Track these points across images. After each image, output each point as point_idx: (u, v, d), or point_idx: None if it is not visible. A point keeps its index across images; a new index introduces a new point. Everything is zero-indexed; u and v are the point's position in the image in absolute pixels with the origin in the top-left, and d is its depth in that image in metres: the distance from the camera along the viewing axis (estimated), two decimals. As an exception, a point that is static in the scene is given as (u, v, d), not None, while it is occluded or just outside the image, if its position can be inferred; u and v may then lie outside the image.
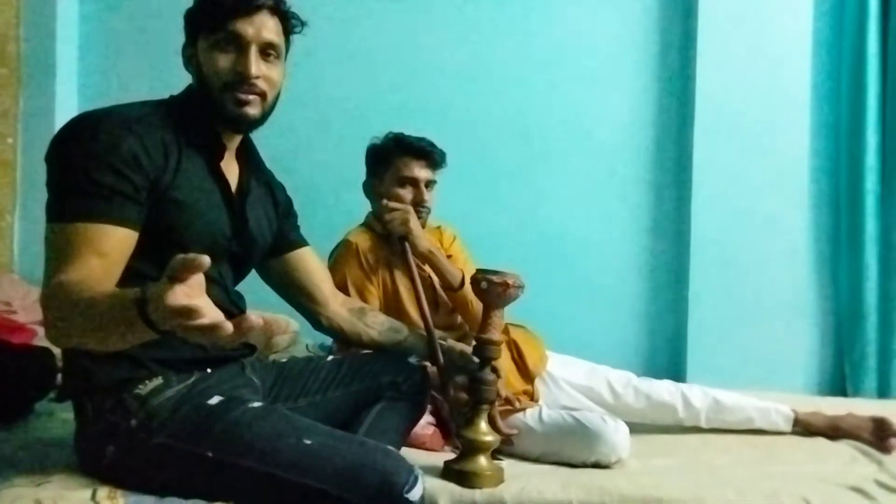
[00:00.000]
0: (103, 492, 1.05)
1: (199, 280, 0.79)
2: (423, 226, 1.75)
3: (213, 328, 0.75)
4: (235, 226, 1.21)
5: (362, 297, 1.66)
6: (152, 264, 1.07)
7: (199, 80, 1.17)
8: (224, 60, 1.13)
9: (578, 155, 2.54)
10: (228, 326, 0.76)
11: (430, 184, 1.75)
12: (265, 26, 1.15)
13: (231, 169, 1.23)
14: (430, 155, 1.74)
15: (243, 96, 1.14)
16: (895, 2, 2.34)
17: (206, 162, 1.18)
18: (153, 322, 0.81)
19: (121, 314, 0.85)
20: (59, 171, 1.06)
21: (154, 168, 1.08)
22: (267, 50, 1.16)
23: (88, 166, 1.03)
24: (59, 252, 1.01)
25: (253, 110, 1.16)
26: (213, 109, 1.16)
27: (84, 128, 1.07)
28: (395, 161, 1.73)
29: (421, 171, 1.73)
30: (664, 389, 1.84)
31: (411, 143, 1.74)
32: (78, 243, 1.01)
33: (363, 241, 1.76)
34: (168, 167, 1.10)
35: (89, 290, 0.94)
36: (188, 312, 0.75)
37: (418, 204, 1.72)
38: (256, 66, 1.14)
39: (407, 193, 1.72)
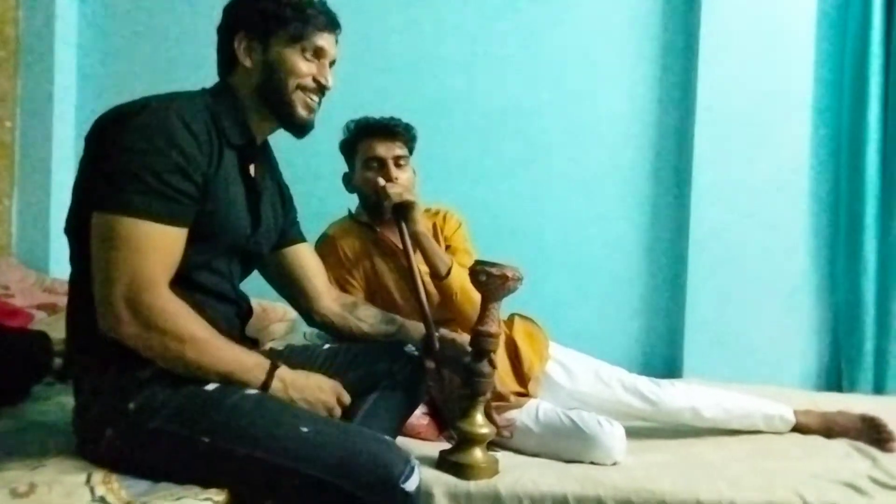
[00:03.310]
0: (98, 476, 1.05)
1: None
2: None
3: None
4: (254, 225, 1.23)
5: (345, 291, 1.63)
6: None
7: (268, 75, 1.20)
8: (307, 66, 1.21)
9: (579, 148, 2.53)
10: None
11: (399, 160, 1.68)
12: (335, 45, 1.27)
13: (253, 166, 1.25)
14: (389, 129, 1.68)
15: (312, 102, 1.24)
16: (899, 1, 2.34)
17: (238, 161, 1.19)
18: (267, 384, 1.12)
19: (242, 368, 1.11)
20: (118, 160, 1.05)
21: (206, 166, 1.11)
22: (331, 64, 1.26)
23: (156, 164, 1.04)
24: (128, 247, 1.03)
25: (314, 117, 1.25)
26: (279, 109, 1.21)
27: (142, 119, 1.06)
28: (359, 146, 1.70)
29: (384, 149, 1.67)
30: (674, 399, 1.75)
31: (369, 124, 1.70)
32: (150, 243, 1.04)
33: (342, 234, 1.73)
34: (211, 164, 1.12)
35: (204, 325, 1.08)
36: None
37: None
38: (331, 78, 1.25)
39: (375, 175, 1.66)
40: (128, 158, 1.05)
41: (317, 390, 1.18)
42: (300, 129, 1.25)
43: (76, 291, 1.14)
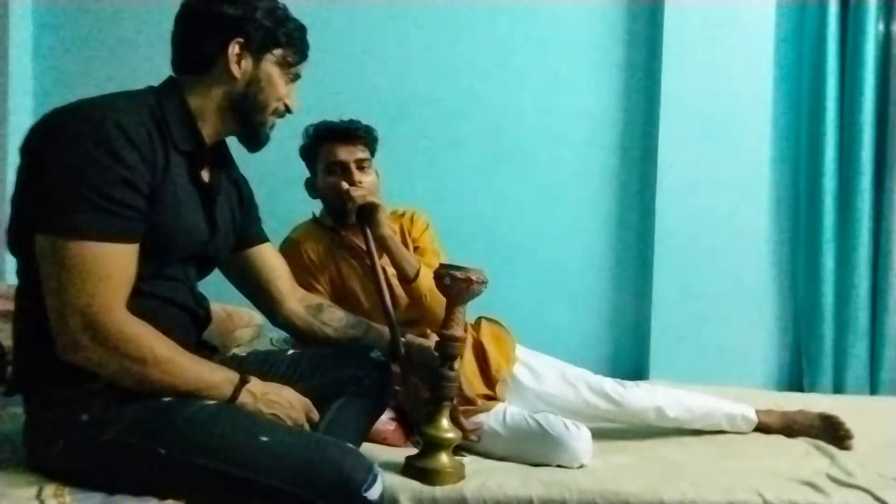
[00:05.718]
0: (50, 489, 1.02)
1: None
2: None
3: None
4: (210, 229, 1.20)
5: None
6: None
7: (249, 89, 1.18)
8: (286, 90, 1.23)
9: (545, 150, 2.55)
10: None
11: (361, 163, 1.67)
12: None
13: (205, 169, 1.22)
14: (350, 133, 1.67)
15: (273, 123, 1.24)
16: (853, 4, 2.39)
17: (187, 166, 1.15)
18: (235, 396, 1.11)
19: (208, 385, 1.09)
20: (55, 176, 1.00)
21: (150, 175, 1.06)
22: None
23: (96, 178, 0.99)
24: (79, 271, 0.98)
25: None
26: (248, 123, 1.21)
27: (76, 129, 1.01)
28: (319, 151, 1.69)
29: (345, 153, 1.65)
30: (639, 400, 1.78)
31: (329, 128, 1.68)
32: (102, 265, 1.00)
33: (306, 238, 1.72)
34: (156, 172, 1.07)
35: (166, 344, 1.06)
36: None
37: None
38: None
39: (337, 179, 1.65)
40: (65, 174, 0.99)
41: (287, 406, 1.17)
42: (259, 145, 1.25)
43: (24, 304, 1.10)
